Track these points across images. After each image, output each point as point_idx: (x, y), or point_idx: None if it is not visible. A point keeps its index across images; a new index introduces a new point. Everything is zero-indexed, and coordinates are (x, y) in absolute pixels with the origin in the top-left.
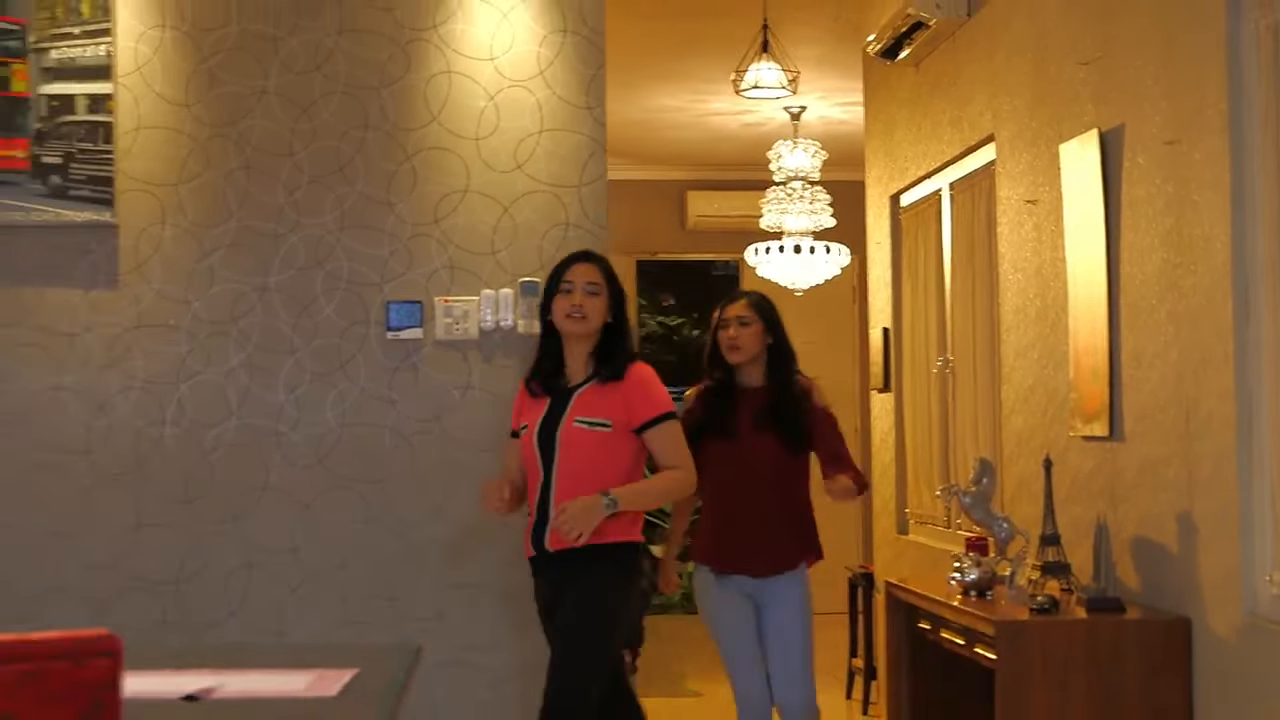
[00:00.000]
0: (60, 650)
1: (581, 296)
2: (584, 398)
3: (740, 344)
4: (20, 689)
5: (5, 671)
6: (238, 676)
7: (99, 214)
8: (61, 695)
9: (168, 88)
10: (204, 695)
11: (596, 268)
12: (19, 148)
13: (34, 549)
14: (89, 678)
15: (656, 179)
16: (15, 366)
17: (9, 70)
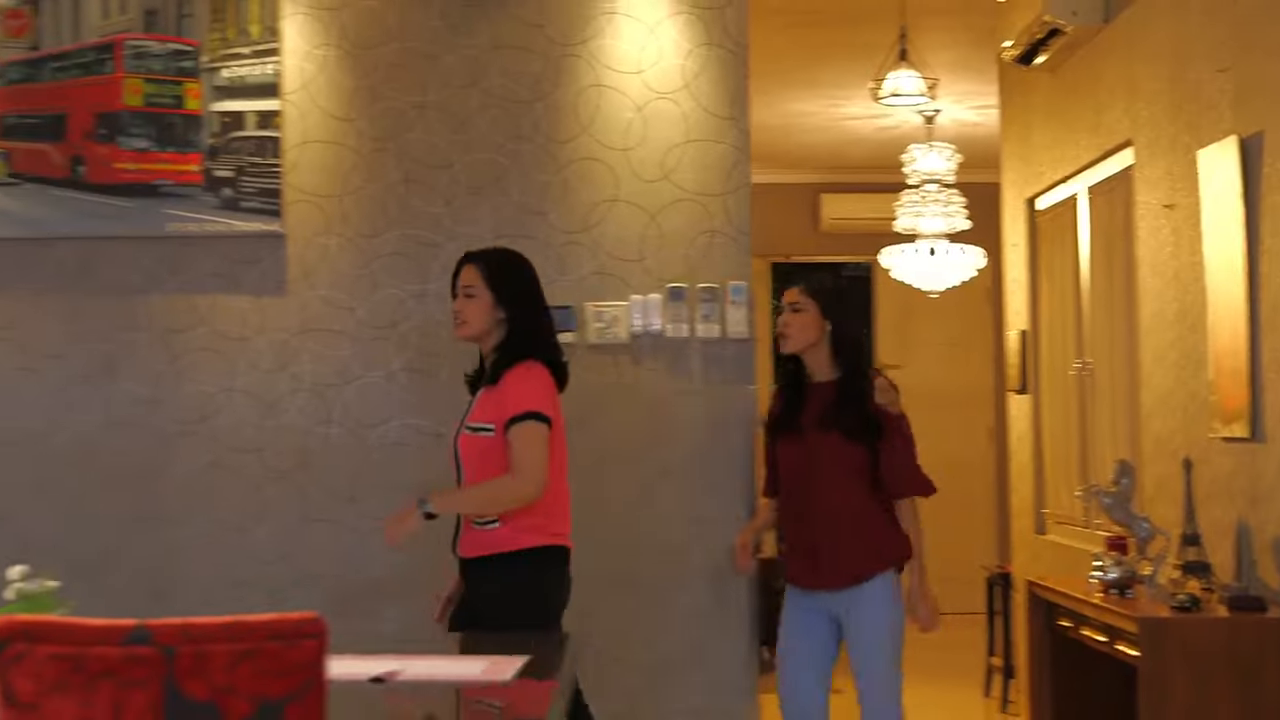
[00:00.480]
0: (273, 631)
1: (460, 301)
2: (478, 402)
3: (789, 332)
4: (237, 667)
5: (223, 650)
6: (417, 661)
7: (268, 225)
8: (274, 673)
9: (332, 104)
10: (389, 678)
11: (475, 269)
12: (193, 162)
13: (213, 542)
14: (298, 658)
15: (791, 182)
16: (192, 370)
17: (183, 89)
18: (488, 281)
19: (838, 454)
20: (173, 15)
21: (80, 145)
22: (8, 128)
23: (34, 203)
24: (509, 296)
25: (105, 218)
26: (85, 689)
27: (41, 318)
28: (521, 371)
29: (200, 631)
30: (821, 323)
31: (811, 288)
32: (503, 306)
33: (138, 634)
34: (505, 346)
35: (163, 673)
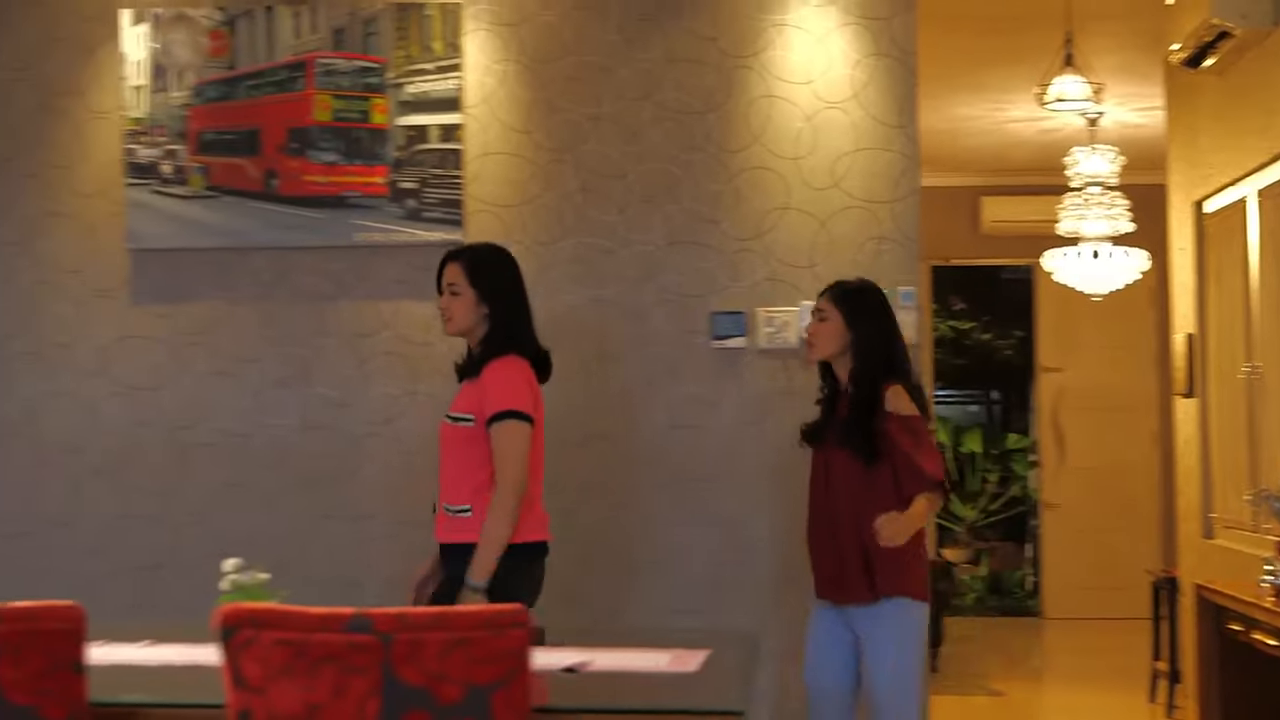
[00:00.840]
0: (481, 621)
1: (445, 298)
2: (460, 393)
3: (814, 340)
4: (448, 655)
5: (436, 639)
6: (604, 653)
7: (450, 234)
8: (483, 660)
9: (511, 116)
10: (580, 668)
11: (458, 267)
12: (379, 174)
13: (397, 539)
14: (505, 646)
15: (951, 185)
16: (376, 373)
17: (370, 105)
18: (469, 278)
19: (848, 468)
20: (360, 34)
21: (273, 159)
22: (206, 143)
23: (231, 214)
24: (491, 292)
25: (297, 228)
26: (308, 673)
27: (238, 324)
28: (501, 366)
29: (415, 620)
30: (845, 331)
31: (836, 295)
32: (485, 302)
33: (357, 622)
34: (488, 340)
35: (380, 658)
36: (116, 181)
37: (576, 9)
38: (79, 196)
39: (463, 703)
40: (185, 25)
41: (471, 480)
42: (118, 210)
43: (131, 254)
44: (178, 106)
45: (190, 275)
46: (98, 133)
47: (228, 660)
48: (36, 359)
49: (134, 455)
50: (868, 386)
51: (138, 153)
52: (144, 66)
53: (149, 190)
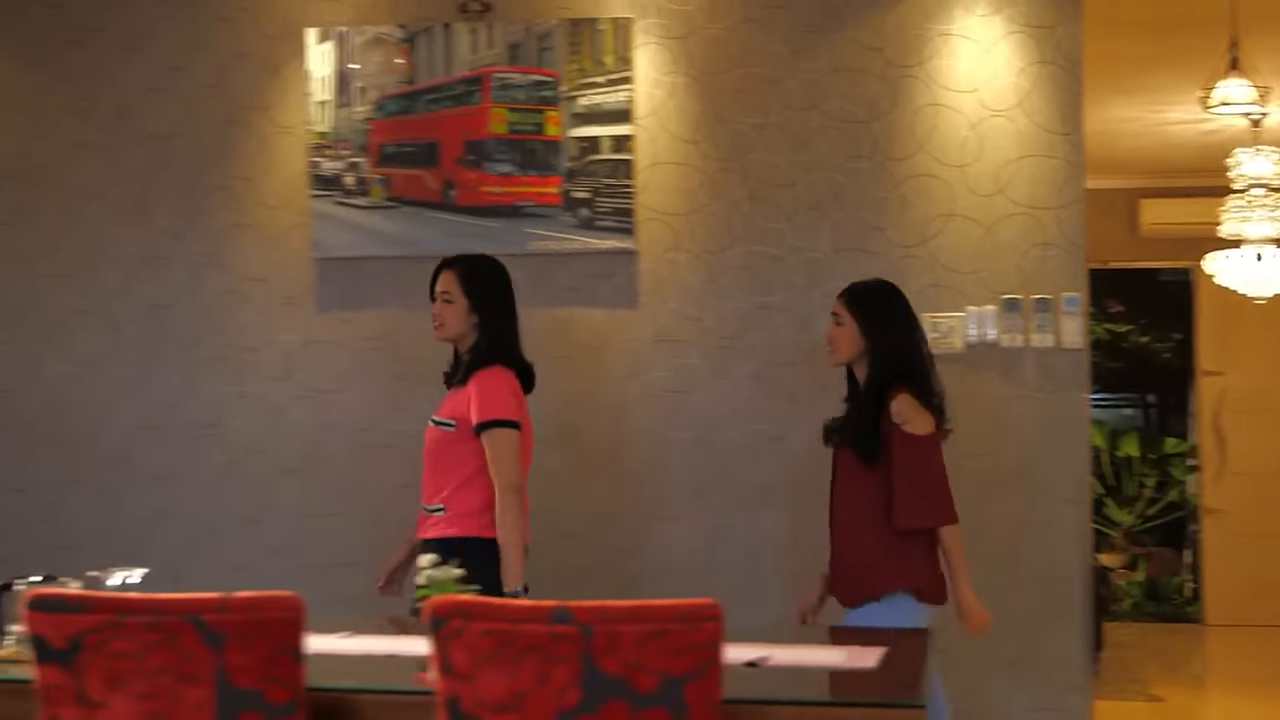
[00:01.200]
0: (677, 614)
1: (438, 306)
2: (446, 398)
3: (831, 344)
4: (645, 646)
5: (633, 631)
6: (781, 649)
7: (621, 242)
8: (677, 652)
9: (680, 127)
10: (761, 663)
11: (452, 275)
12: (553, 185)
13: (571, 538)
14: (699, 639)
15: (1110, 188)
16: (551, 376)
17: (544, 117)
18: (463, 287)
19: (851, 471)
20: (534, 48)
21: (451, 171)
22: (387, 156)
23: (410, 224)
24: (482, 302)
25: (474, 237)
26: (513, 662)
27: (417, 329)
28: (487, 376)
29: (614, 613)
30: (859, 335)
31: (850, 298)
32: (476, 311)
33: (560, 614)
34: (476, 349)
35: (581, 649)
36: (301, 193)
37: (744, 22)
38: (265, 208)
39: (658, 692)
40: (380, 46)
41: (449, 482)
42: (303, 221)
43: (316, 263)
44: (360, 121)
45: (371, 283)
46: (283, 146)
47: (437, 649)
48: (225, 364)
49: (317, 456)
50: (876, 389)
51: (322, 165)
52: (328, 83)
53: (332, 201)
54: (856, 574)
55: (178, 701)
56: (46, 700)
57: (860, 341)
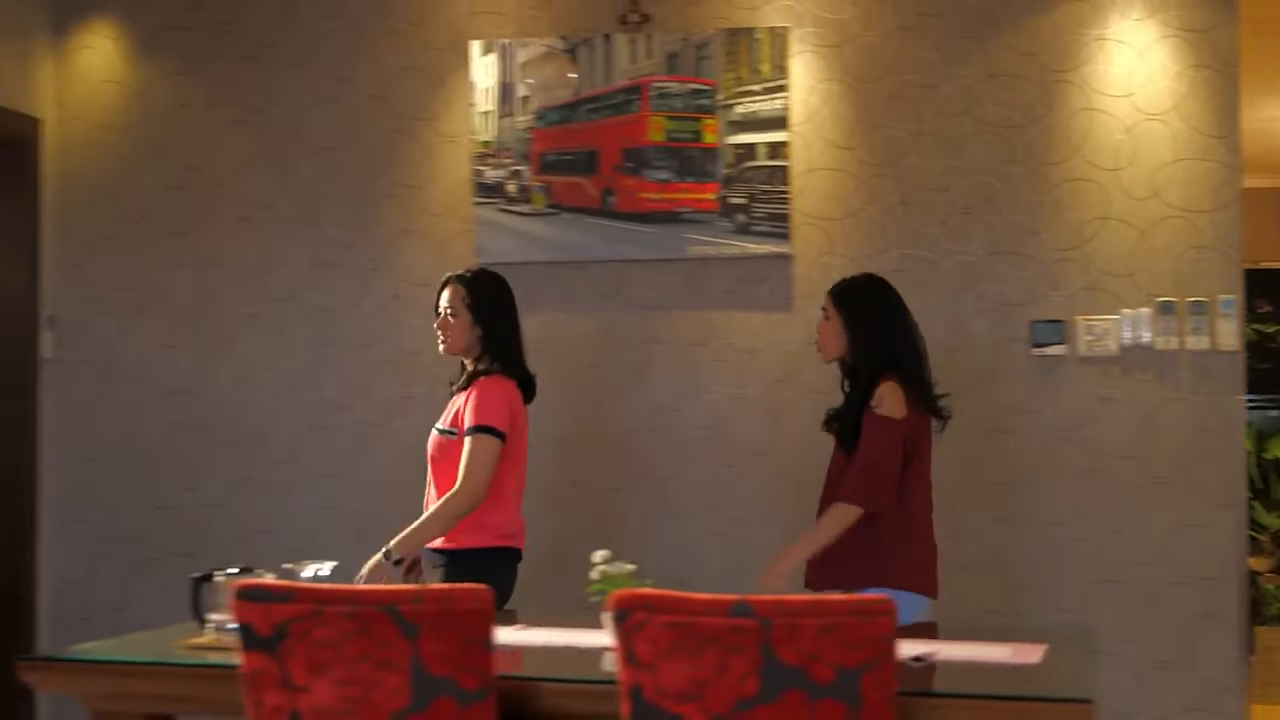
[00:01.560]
0: (852, 609)
1: (442, 320)
2: (450, 406)
3: (819, 340)
4: (822, 638)
5: (811, 624)
6: (944, 645)
7: (777, 246)
8: (853, 645)
9: (834, 134)
10: (927, 658)
11: (456, 290)
12: (710, 191)
13: (723, 537)
14: (874, 633)
15: (1261, 187)
16: (706, 379)
17: (702, 125)
18: (466, 302)
19: (839, 463)
20: (692, 58)
21: (610, 178)
22: (548, 164)
23: (570, 230)
24: (485, 315)
25: (632, 242)
26: (694, 653)
27: (577, 332)
28: (486, 384)
29: (792, 607)
30: (844, 330)
31: (836, 293)
32: (479, 325)
33: (739, 607)
34: (480, 360)
35: (760, 640)
36: (465, 200)
37: (898, 30)
38: (431, 215)
39: (834, 683)
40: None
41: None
42: (467, 227)
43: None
44: (522, 130)
45: (533, 287)
46: (448, 155)
47: (621, 640)
48: (392, 366)
49: None
50: (864, 380)
51: (485, 174)
52: (491, 93)
53: (495, 208)
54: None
55: (375, 687)
56: (252, 685)
57: (846, 336)
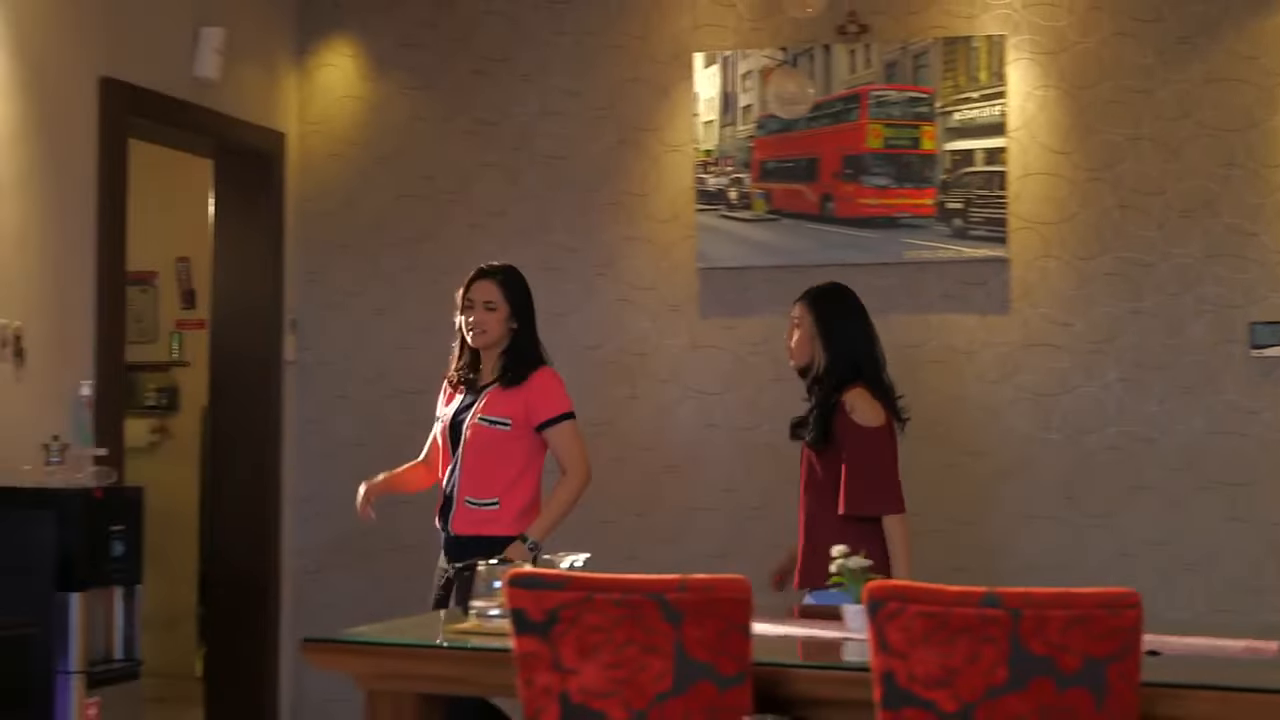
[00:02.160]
0: (1100, 601)
1: (480, 313)
2: (490, 397)
3: (791, 348)
4: (1069, 630)
5: (1058, 615)
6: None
7: (993, 250)
8: (1100, 636)
9: (1050, 139)
10: (1161, 650)
11: (494, 284)
12: (928, 197)
13: (941, 534)
14: (1120, 624)
15: None
16: (923, 380)
17: (919, 132)
18: (504, 295)
19: (814, 464)
20: (910, 67)
21: (830, 184)
22: (768, 171)
23: (790, 235)
24: (519, 309)
25: (850, 247)
26: (946, 642)
27: None
28: (546, 376)
29: (1040, 599)
30: (816, 337)
31: (808, 301)
32: (514, 318)
33: (989, 599)
34: (517, 353)
35: (1009, 631)
36: (688, 207)
37: (1115, 35)
38: (655, 222)
39: (1081, 672)
40: (793, 76)
41: (502, 478)
42: (689, 233)
43: (700, 272)
44: (743, 139)
45: (753, 291)
46: (671, 164)
47: (874, 628)
48: (618, 367)
49: (702, 454)
50: (832, 386)
51: (707, 181)
52: (713, 103)
53: (717, 215)
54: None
55: (641, 671)
56: (523, 666)
57: (817, 343)
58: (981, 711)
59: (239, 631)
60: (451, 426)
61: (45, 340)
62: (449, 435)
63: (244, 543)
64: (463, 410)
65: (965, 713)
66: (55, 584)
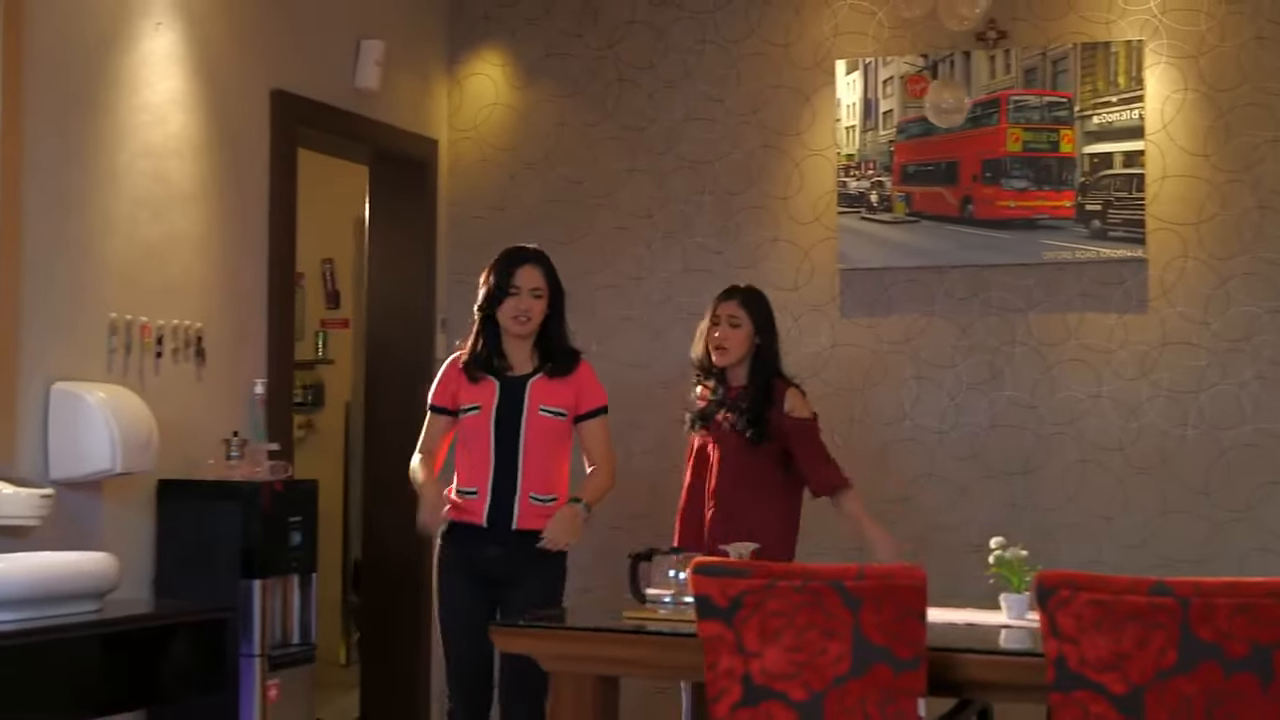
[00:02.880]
0: (1269, 590)
1: (528, 300)
2: (540, 387)
3: (728, 345)
4: (1235, 617)
5: (1225, 603)
6: None
7: (1132, 251)
8: (1267, 623)
9: (1189, 142)
10: None
11: (540, 271)
12: (1066, 199)
13: (1078, 528)
14: None
15: None
16: (1063, 378)
17: (1058, 135)
18: (548, 283)
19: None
20: (1049, 72)
21: (969, 187)
22: (908, 174)
23: (929, 237)
24: (557, 297)
25: (989, 248)
26: (1115, 628)
27: (936, 334)
28: (588, 367)
29: (1208, 587)
30: (753, 336)
31: (746, 301)
32: (552, 306)
33: (1159, 587)
34: (557, 342)
35: (1178, 618)
36: (829, 210)
37: (1254, 40)
38: (796, 224)
39: (1248, 657)
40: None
41: (558, 471)
42: (830, 235)
43: (841, 273)
44: (884, 143)
45: (893, 291)
46: (813, 168)
47: (1045, 615)
48: None
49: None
50: (763, 383)
51: (849, 185)
52: (855, 109)
53: (857, 217)
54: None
55: (820, 654)
56: (708, 650)
57: (750, 342)
58: (1151, 694)
59: (392, 618)
60: (501, 419)
61: (223, 341)
62: (498, 428)
63: (397, 533)
64: (508, 401)
65: (1135, 695)
66: (239, 571)
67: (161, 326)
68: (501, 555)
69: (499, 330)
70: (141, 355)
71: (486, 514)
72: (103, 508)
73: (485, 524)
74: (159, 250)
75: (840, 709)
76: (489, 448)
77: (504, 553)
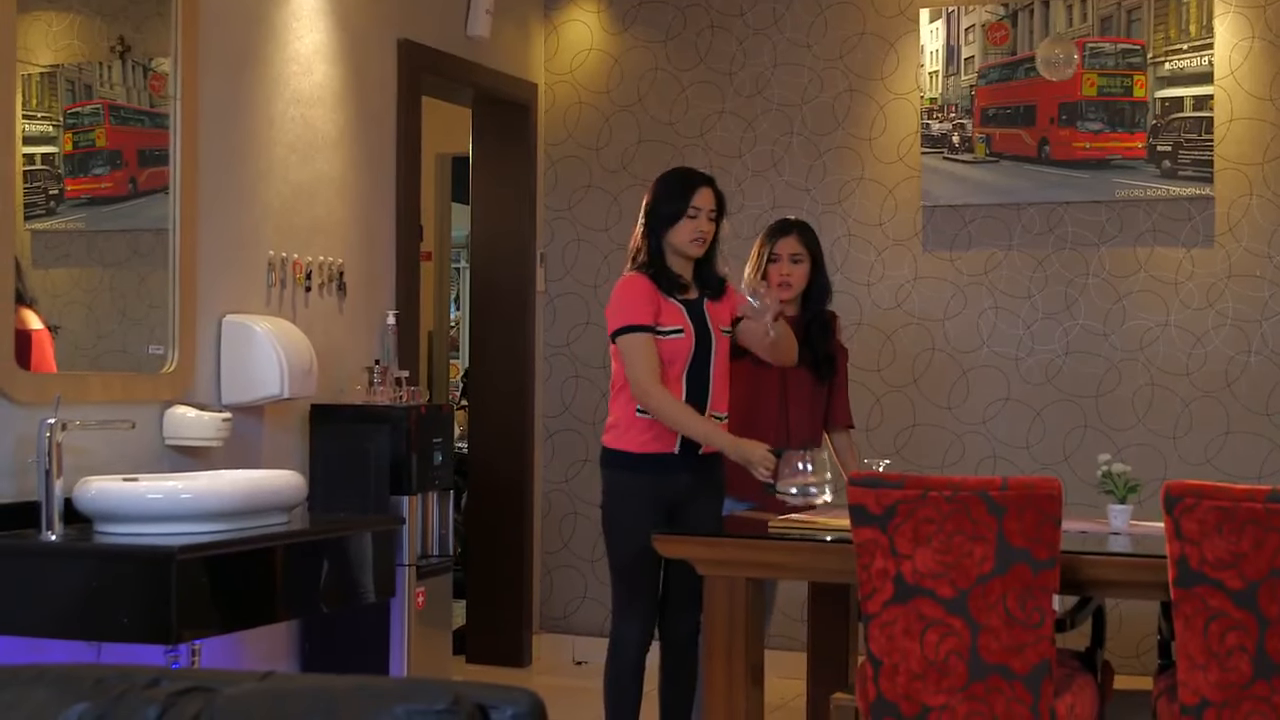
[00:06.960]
0: None
1: (704, 223)
2: (713, 310)
3: (794, 281)
4: None
5: None
6: None
7: (1200, 189)
8: None
9: (1255, 86)
10: None
11: (713, 194)
12: (1138, 140)
13: (1147, 448)
14: None
15: None
16: (1133, 308)
17: (1132, 80)
18: (718, 207)
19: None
20: (1123, 20)
21: (1046, 129)
22: (989, 117)
23: (1008, 176)
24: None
25: (1064, 187)
26: (1234, 531)
27: (1013, 267)
28: (732, 288)
29: None
30: (811, 271)
31: (806, 237)
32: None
33: (1275, 495)
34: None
35: None
36: (912, 150)
37: None
38: (881, 164)
39: None
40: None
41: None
42: (913, 174)
43: (924, 210)
44: (965, 88)
45: (973, 227)
46: (898, 111)
47: (1170, 519)
48: (846, 297)
49: (926, 374)
50: (824, 317)
51: (931, 127)
52: (938, 55)
53: (940, 157)
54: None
55: (966, 556)
56: (862, 552)
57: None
58: (1265, 589)
59: (498, 536)
60: (700, 340)
61: (360, 275)
62: (697, 350)
63: (503, 455)
64: (698, 323)
65: (1250, 590)
66: (390, 488)
67: (310, 263)
68: (689, 484)
69: (664, 251)
70: (294, 290)
71: (680, 441)
72: (264, 431)
73: (678, 451)
74: (307, 192)
75: (984, 604)
76: (683, 372)
77: (691, 480)
